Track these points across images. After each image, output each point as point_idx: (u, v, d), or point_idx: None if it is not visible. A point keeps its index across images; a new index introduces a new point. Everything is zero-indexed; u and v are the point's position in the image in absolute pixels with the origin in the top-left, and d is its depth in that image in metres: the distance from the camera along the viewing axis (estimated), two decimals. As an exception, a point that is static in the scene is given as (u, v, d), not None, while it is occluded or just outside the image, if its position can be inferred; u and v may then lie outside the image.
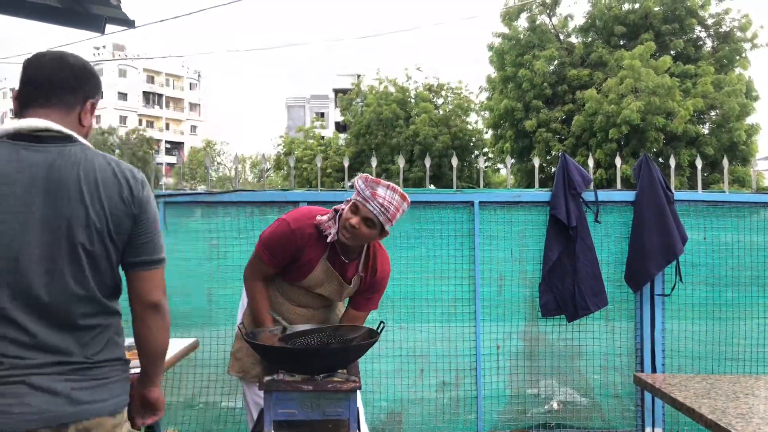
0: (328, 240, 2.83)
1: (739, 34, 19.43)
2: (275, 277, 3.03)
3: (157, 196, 4.25)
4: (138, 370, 2.16)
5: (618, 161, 4.62)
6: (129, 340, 3.36)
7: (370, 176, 2.78)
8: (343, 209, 2.84)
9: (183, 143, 65.95)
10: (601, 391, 4.41)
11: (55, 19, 4.03)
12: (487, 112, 23.01)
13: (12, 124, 1.74)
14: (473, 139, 26.71)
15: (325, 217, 2.83)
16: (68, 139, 1.75)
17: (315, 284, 2.95)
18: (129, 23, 4.16)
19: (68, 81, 1.80)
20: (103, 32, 4.03)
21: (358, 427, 2.65)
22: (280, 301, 3.04)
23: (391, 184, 2.76)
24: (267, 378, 2.61)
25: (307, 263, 2.88)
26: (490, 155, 24.35)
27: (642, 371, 4.32)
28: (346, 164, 4.66)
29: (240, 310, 3.24)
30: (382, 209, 2.71)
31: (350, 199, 2.81)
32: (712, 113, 18.71)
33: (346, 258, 2.91)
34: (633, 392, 4.39)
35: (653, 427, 4.33)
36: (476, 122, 27.21)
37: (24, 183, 1.68)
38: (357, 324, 3.05)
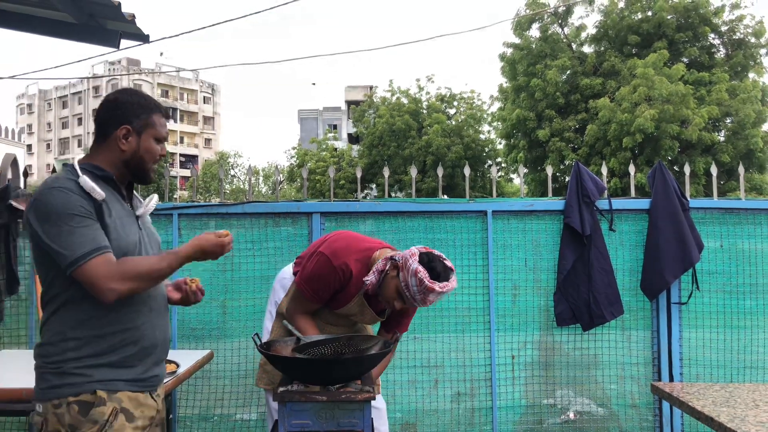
0: (369, 292, 2.82)
1: (753, 40, 19.32)
2: None
3: (170, 208, 4.29)
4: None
5: (632, 169, 4.60)
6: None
7: (424, 278, 2.61)
8: (386, 271, 2.74)
9: (197, 156, 66.44)
10: (618, 401, 4.36)
11: (70, 35, 4.09)
12: (499, 122, 22.99)
13: None
14: (486, 149, 26.70)
15: (371, 278, 2.75)
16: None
17: (349, 314, 2.99)
18: (143, 38, 4.22)
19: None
20: (118, 47, 4.09)
21: (373, 438, 2.63)
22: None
23: (445, 285, 2.64)
24: (281, 389, 2.61)
25: (344, 297, 2.90)
26: (503, 165, 24.30)
27: (659, 380, 4.28)
28: (358, 175, 4.67)
29: (267, 320, 3.25)
30: (429, 304, 2.73)
31: (397, 262, 2.69)
32: (728, 120, 18.59)
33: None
34: (650, 402, 4.34)
35: (672, 437, 4.28)
36: (489, 132, 27.20)
37: None
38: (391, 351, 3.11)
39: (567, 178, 17.75)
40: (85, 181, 1.95)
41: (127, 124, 2.06)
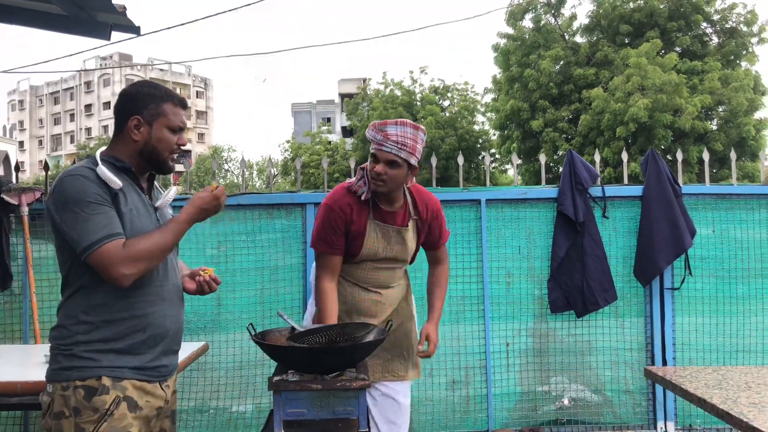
0: (363, 198, 2.83)
1: (745, 29, 19.35)
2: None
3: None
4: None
5: (625, 156, 4.62)
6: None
7: (377, 121, 2.79)
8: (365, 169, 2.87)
9: (190, 151, 66.22)
10: (612, 387, 4.39)
11: (60, 28, 4.07)
12: (493, 113, 22.99)
13: None
14: (480, 140, 26.71)
15: (354, 179, 2.87)
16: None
17: (375, 249, 2.90)
18: (135, 30, 4.19)
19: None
20: (109, 39, 4.06)
21: (368, 426, 2.65)
22: (349, 291, 2.98)
23: (400, 119, 2.76)
24: (276, 378, 2.62)
25: (357, 233, 2.86)
26: (497, 156, 24.32)
27: (653, 365, 4.30)
28: (352, 165, 4.67)
29: (308, 316, 3.17)
30: (399, 146, 2.70)
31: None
32: (720, 109, 18.63)
33: (390, 208, 2.90)
34: (644, 387, 4.37)
35: (665, 421, 4.31)
36: (483, 123, 27.21)
37: None
38: (444, 261, 3.19)
39: (560, 169, 17.77)
40: (102, 170, 1.99)
41: (137, 114, 2.10)
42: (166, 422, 2.21)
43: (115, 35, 4.30)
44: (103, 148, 2.17)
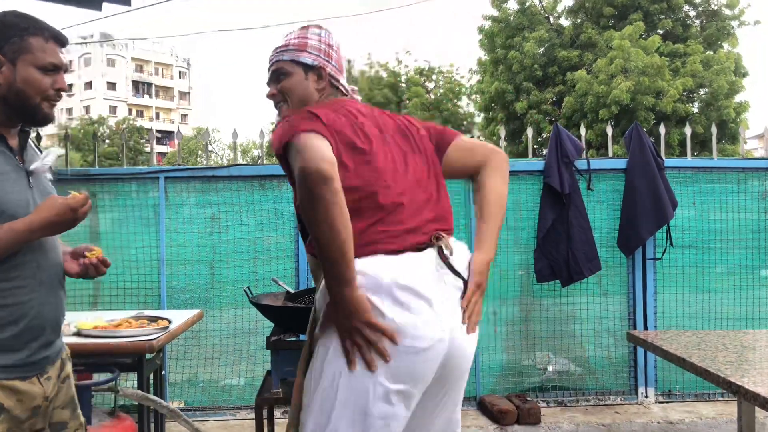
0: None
1: (726, 11, 19.49)
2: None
3: (156, 171, 4.33)
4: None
5: (609, 130, 4.73)
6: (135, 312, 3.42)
7: None
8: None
9: (173, 132, 65.59)
10: (595, 353, 4.53)
11: (50, -3, 4.04)
12: (478, 95, 23.03)
13: None
14: (465, 122, 26.76)
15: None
16: None
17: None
18: (125, 1, 4.19)
19: None
20: (100, 9, 4.05)
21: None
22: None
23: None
24: (274, 338, 2.70)
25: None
26: (482, 138, 24.39)
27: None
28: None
29: None
30: (280, 51, 1.97)
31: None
32: (702, 92, 18.79)
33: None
34: (626, 354, 4.52)
35: (646, 387, 4.46)
36: (468, 105, 27.26)
37: None
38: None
39: (545, 150, 17.87)
40: None
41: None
42: (63, 413, 1.84)
43: (106, 8, 4.29)
44: None
